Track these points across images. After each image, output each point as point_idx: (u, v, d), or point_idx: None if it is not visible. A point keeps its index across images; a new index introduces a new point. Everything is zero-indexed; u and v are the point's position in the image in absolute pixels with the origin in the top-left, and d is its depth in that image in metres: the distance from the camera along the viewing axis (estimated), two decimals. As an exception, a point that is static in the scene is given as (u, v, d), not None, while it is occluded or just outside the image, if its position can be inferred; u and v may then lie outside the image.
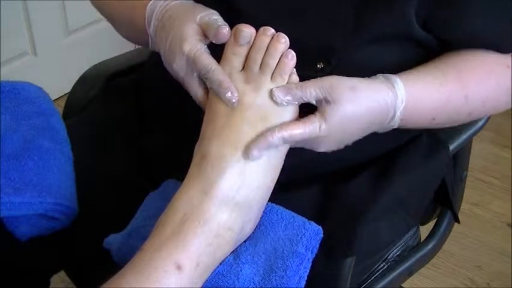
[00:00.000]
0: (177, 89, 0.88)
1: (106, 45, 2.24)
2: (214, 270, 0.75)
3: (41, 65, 2.10)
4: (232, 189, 0.74)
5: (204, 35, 0.79)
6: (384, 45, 0.83)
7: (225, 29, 0.77)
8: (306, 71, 0.80)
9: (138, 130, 0.96)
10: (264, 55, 0.78)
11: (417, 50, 0.85)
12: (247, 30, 0.77)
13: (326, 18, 0.80)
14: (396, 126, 0.81)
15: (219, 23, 0.77)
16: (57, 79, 1.94)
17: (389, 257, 1.01)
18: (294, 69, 0.79)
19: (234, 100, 0.75)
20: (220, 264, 0.76)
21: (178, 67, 0.80)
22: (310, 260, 0.78)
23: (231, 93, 0.75)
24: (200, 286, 0.73)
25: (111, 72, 1.06)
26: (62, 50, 2.16)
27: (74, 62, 2.05)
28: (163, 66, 0.83)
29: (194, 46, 0.78)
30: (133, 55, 1.15)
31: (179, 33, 0.79)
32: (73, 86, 1.10)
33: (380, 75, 0.80)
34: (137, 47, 2.47)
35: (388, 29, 0.81)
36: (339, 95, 0.75)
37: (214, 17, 0.79)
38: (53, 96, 1.02)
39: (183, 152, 0.79)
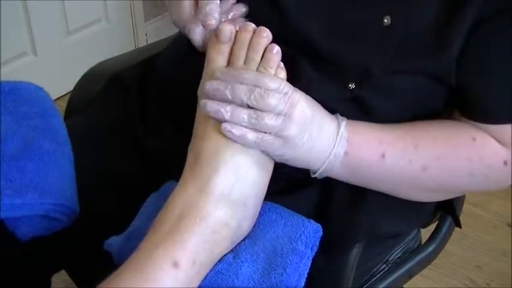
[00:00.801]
0: (183, 89, 0.88)
1: (106, 45, 2.24)
2: (214, 268, 0.75)
3: (41, 65, 2.10)
4: (227, 185, 0.75)
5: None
6: (418, 80, 0.82)
7: (213, 21, 0.79)
8: (335, 89, 0.81)
9: (141, 130, 0.96)
10: (248, 50, 0.78)
11: (449, 93, 0.84)
12: (227, 28, 0.78)
13: (370, 43, 0.80)
14: (344, 146, 0.80)
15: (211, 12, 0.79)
16: (57, 79, 1.94)
17: (389, 259, 1.01)
18: (282, 64, 0.79)
19: (211, 24, 0.79)
20: (220, 262, 0.76)
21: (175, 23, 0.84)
22: (310, 258, 0.78)
23: (215, 12, 0.79)
24: (198, 283, 0.73)
25: (113, 71, 1.06)
26: (62, 50, 2.16)
27: (74, 62, 2.05)
28: (169, 68, 0.84)
29: (187, 17, 0.82)
30: (134, 54, 1.15)
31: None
32: (75, 85, 1.10)
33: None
34: (137, 46, 2.47)
35: (427, 69, 0.81)
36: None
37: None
38: (53, 96, 1.01)
39: (186, 153, 0.79)
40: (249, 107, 0.75)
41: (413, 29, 0.78)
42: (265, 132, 0.76)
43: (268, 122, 0.75)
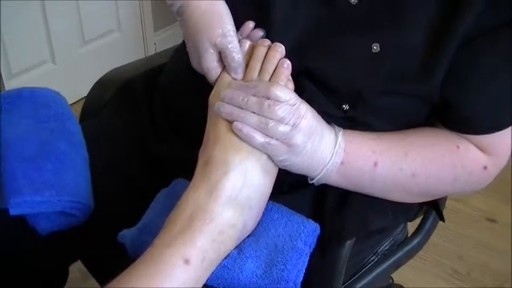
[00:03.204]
0: (185, 98, 0.88)
1: (119, 54, 2.24)
2: (220, 263, 0.75)
3: (59, 72, 2.10)
4: (235, 190, 0.74)
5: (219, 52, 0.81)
6: (405, 101, 0.82)
7: (240, 72, 0.80)
8: (331, 109, 0.81)
9: (148, 134, 0.96)
10: (263, 62, 0.80)
11: (431, 109, 0.84)
12: (245, 42, 0.81)
13: (361, 69, 0.79)
14: (340, 155, 0.80)
15: (236, 61, 0.79)
16: (74, 85, 1.93)
17: (379, 251, 1.01)
18: (290, 77, 0.80)
19: (238, 77, 0.80)
20: (225, 257, 0.75)
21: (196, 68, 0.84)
22: (308, 255, 0.78)
23: (241, 70, 0.80)
24: (206, 278, 0.73)
25: (124, 78, 1.05)
26: (78, 59, 2.16)
27: (89, 69, 2.05)
28: (172, 79, 0.84)
29: (212, 67, 0.81)
30: (144, 62, 1.14)
31: (198, 50, 0.81)
32: (89, 91, 1.10)
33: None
34: (147, 55, 2.47)
35: (414, 92, 0.81)
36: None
37: (234, 54, 0.79)
38: (70, 101, 1.01)
39: (191, 154, 0.79)
40: None
41: (400, 56, 0.78)
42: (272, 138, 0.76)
43: (277, 129, 0.75)
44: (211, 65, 0.81)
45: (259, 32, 0.82)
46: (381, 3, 0.77)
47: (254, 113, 0.75)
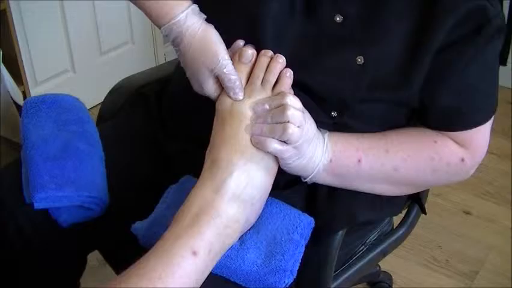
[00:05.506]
0: (191, 103, 0.87)
1: (132, 64, 2.24)
2: (224, 254, 0.74)
3: (78, 80, 2.10)
4: (239, 188, 0.74)
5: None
6: (388, 107, 0.82)
7: (238, 90, 0.77)
8: (321, 116, 0.81)
9: (161, 135, 0.95)
10: (265, 73, 0.78)
11: (411, 112, 0.84)
12: (249, 51, 0.78)
13: (347, 79, 0.79)
14: (329, 154, 0.80)
15: (235, 85, 0.77)
16: (92, 91, 1.92)
17: (367, 241, 1.01)
18: (291, 89, 0.79)
19: (239, 97, 0.77)
20: (229, 249, 0.75)
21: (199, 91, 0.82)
22: (304, 246, 0.77)
23: (239, 89, 0.77)
24: (211, 268, 0.72)
25: (137, 85, 1.05)
26: (96, 68, 2.15)
27: (105, 77, 2.04)
28: (182, 85, 0.83)
29: (213, 90, 0.79)
30: (155, 71, 1.14)
31: (197, 77, 0.80)
32: (105, 97, 1.09)
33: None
34: (158, 64, 2.46)
35: (395, 99, 0.80)
36: None
37: (231, 77, 0.77)
38: (88, 106, 1.01)
39: (198, 154, 0.78)
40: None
41: (382, 67, 0.78)
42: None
43: (291, 131, 0.74)
44: (212, 88, 0.80)
45: (250, 49, 0.80)
46: (362, 20, 0.77)
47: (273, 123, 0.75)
